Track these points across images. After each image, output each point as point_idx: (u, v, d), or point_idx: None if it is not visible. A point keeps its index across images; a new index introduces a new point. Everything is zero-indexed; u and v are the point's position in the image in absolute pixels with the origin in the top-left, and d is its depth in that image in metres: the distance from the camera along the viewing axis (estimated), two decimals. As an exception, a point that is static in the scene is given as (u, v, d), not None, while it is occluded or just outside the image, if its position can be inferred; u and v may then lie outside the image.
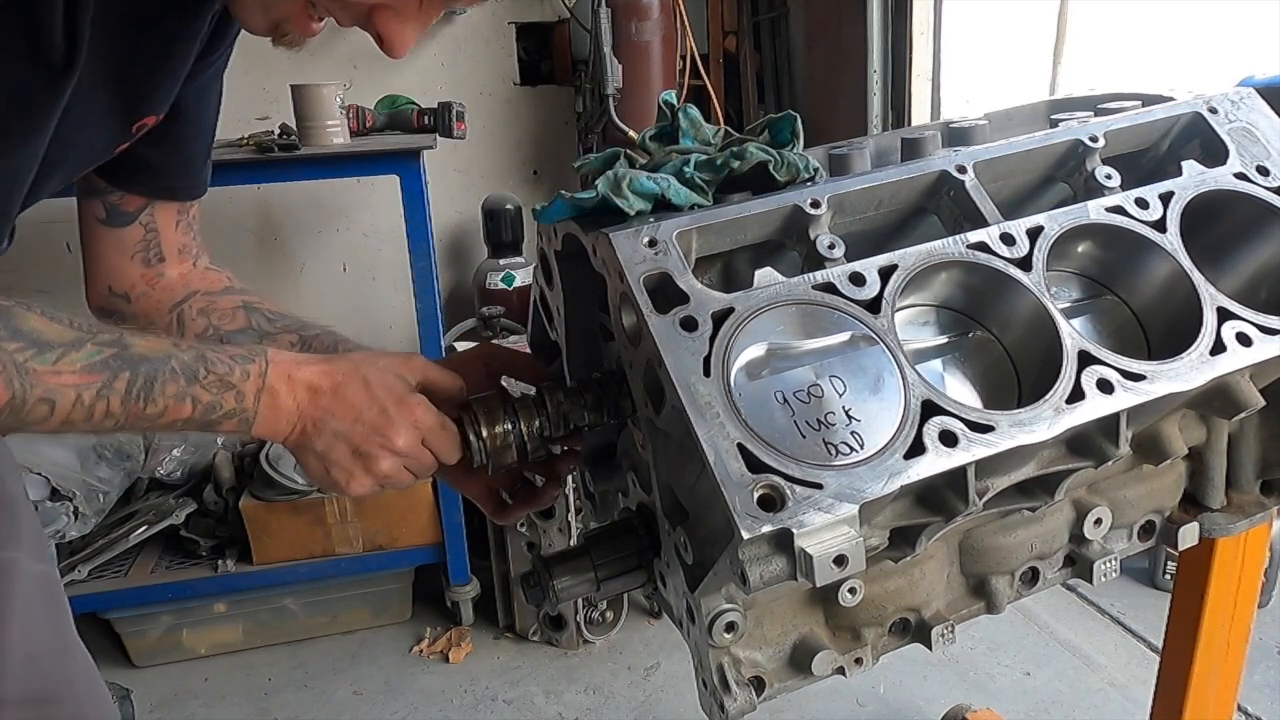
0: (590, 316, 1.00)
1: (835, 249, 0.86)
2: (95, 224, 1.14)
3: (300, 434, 0.86)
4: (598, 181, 0.88)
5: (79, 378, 0.76)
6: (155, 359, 0.80)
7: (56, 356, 0.76)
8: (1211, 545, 1.32)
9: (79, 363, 0.76)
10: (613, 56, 3.04)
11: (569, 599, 0.95)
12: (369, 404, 0.86)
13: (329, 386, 0.86)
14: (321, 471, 0.88)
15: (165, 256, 1.17)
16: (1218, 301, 0.89)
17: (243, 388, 0.83)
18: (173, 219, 1.17)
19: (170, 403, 0.80)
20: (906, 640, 1.00)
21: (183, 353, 0.82)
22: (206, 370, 0.82)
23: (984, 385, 0.95)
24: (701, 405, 0.74)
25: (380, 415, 0.86)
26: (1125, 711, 2.23)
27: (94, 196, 1.13)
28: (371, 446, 0.86)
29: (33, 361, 0.75)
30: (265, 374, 0.84)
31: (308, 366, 0.86)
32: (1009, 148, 0.99)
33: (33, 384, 0.74)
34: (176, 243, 1.17)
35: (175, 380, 0.80)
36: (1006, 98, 2.10)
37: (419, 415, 0.88)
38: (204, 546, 2.61)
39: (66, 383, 0.76)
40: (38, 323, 0.76)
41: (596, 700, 2.42)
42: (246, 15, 0.89)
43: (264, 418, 0.84)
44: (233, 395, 0.83)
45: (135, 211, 1.14)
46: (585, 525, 2.44)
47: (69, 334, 0.77)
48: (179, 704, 2.47)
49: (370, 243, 3.42)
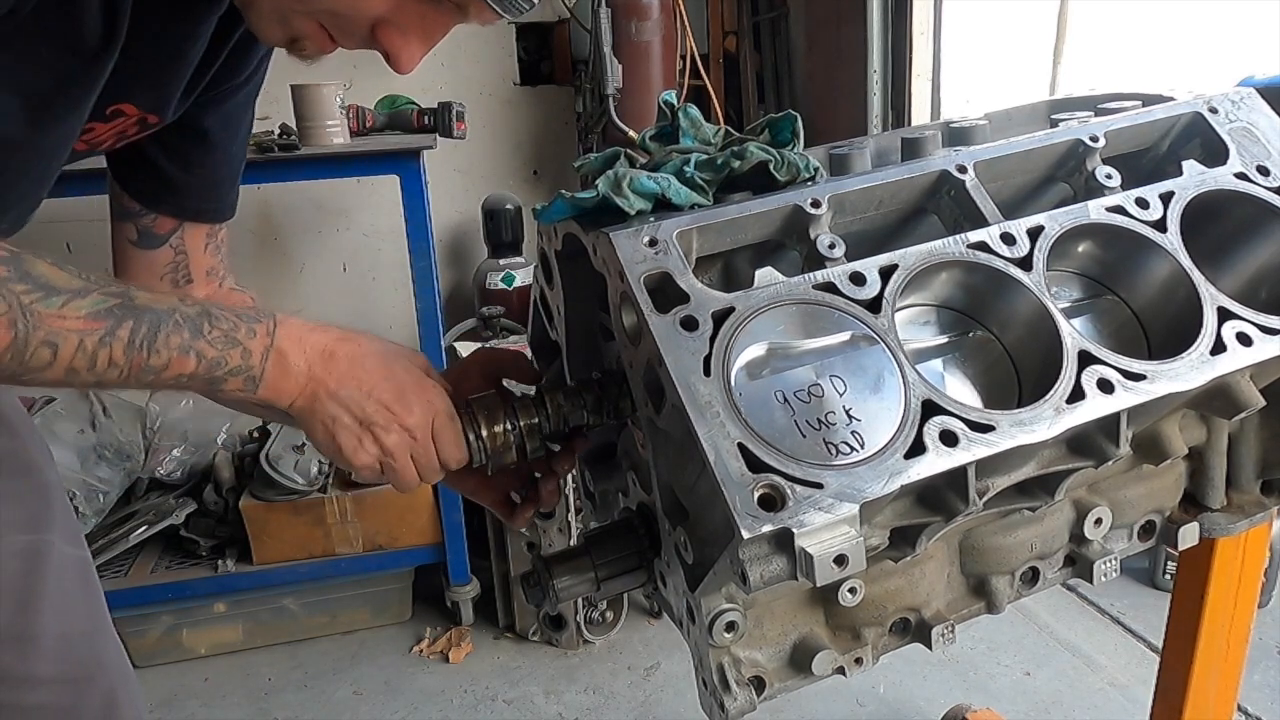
0: (590, 316, 1.00)
1: (835, 248, 0.86)
2: (127, 246, 1.16)
3: (310, 398, 0.85)
4: (598, 181, 0.87)
5: (83, 323, 0.76)
6: (160, 310, 0.80)
7: (63, 301, 0.76)
8: (1211, 545, 1.32)
9: (84, 309, 0.76)
10: (613, 56, 3.04)
11: (569, 599, 0.94)
12: (386, 378, 0.86)
13: (345, 354, 0.86)
14: (327, 437, 0.87)
15: (193, 278, 1.19)
16: (1218, 301, 0.89)
17: (249, 345, 0.82)
18: (201, 241, 1.19)
19: (174, 355, 0.80)
20: (906, 640, 1.00)
21: (188, 307, 0.82)
22: (211, 325, 0.81)
23: (984, 385, 0.95)
24: (702, 405, 0.74)
25: (396, 390, 0.86)
26: (1125, 711, 2.23)
27: (127, 219, 1.15)
28: (382, 417, 0.86)
29: (38, 304, 0.75)
30: (273, 333, 0.83)
31: (322, 333, 0.86)
32: (1009, 148, 0.99)
33: (36, 325, 0.74)
34: (205, 265, 1.20)
35: (179, 332, 0.80)
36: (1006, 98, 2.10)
37: (433, 397, 0.88)
38: (204, 546, 2.61)
39: (71, 327, 0.76)
40: (46, 269, 0.76)
41: (596, 700, 2.42)
42: (263, 26, 0.89)
43: (271, 378, 0.83)
44: (238, 352, 0.82)
45: (166, 234, 1.16)
46: (585, 525, 2.44)
47: (76, 282, 0.77)
48: (179, 704, 2.47)
49: (370, 243, 3.42)
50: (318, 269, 3.41)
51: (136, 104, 1.01)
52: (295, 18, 0.87)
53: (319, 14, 0.86)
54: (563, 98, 3.51)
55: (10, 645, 1.14)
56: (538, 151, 3.58)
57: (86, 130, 1.00)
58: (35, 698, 1.17)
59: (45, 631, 1.15)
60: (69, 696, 1.20)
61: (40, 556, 1.16)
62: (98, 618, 1.24)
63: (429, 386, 0.89)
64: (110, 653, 1.25)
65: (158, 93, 1.02)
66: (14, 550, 1.13)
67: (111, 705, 1.25)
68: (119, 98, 0.99)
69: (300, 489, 2.52)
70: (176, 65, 1.01)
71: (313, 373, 0.85)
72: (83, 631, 1.21)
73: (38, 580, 1.15)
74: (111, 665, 1.24)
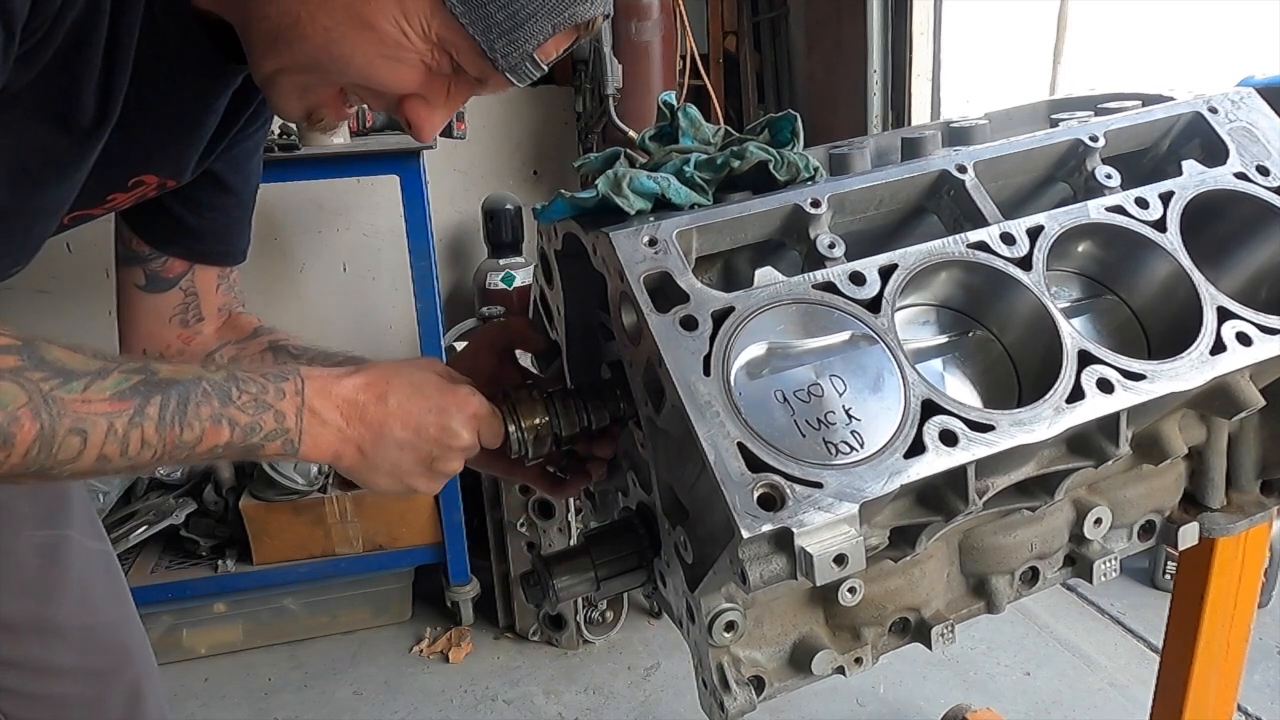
0: (590, 316, 1.00)
1: (835, 248, 0.86)
2: (134, 290, 1.14)
3: (358, 455, 0.83)
4: (598, 181, 0.88)
5: (109, 405, 0.72)
6: (185, 381, 0.77)
7: (84, 385, 0.72)
8: (1211, 545, 1.32)
9: (107, 390, 0.73)
10: (613, 56, 3.04)
11: (569, 598, 0.94)
12: (425, 408, 0.84)
13: (373, 398, 0.83)
14: (398, 485, 0.86)
15: (205, 316, 1.18)
16: (1218, 301, 0.89)
17: (281, 407, 0.79)
18: (213, 283, 1.17)
19: (207, 426, 0.76)
20: (906, 640, 1.00)
21: (212, 374, 0.79)
22: (239, 390, 0.78)
23: (984, 385, 0.95)
24: (701, 404, 0.74)
25: (440, 415, 0.84)
26: (1125, 711, 2.23)
27: (134, 264, 1.13)
28: (439, 449, 0.84)
29: (59, 391, 0.71)
30: (302, 391, 0.81)
31: (344, 380, 0.83)
32: (1009, 147, 0.99)
33: (61, 413, 0.70)
34: (216, 303, 1.18)
35: (209, 401, 0.76)
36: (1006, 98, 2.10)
37: (474, 405, 0.87)
38: (204, 546, 2.61)
39: (98, 411, 0.72)
40: (60, 353, 0.73)
41: (596, 700, 2.42)
42: (283, 102, 0.90)
43: (310, 437, 0.81)
44: (271, 415, 0.79)
45: (176, 277, 1.14)
46: (585, 525, 2.44)
47: (94, 363, 0.74)
48: (179, 704, 2.47)
49: (370, 243, 3.42)
50: (318, 269, 3.41)
51: (157, 173, 1.01)
52: (316, 90, 0.88)
53: (346, 84, 0.88)
54: (562, 98, 3.51)
55: (33, 637, 1.18)
56: (538, 151, 3.57)
57: (108, 200, 1.00)
58: (61, 688, 1.22)
59: (68, 623, 1.18)
60: (95, 687, 1.25)
61: (59, 551, 1.18)
62: (123, 609, 1.29)
63: (461, 393, 0.87)
64: (136, 644, 1.29)
65: (178, 162, 1.02)
66: (32, 545, 1.17)
67: (137, 697, 1.29)
68: (140, 170, 0.99)
69: (300, 489, 2.52)
70: (196, 135, 1.01)
71: (351, 426, 0.82)
72: (107, 623, 1.24)
73: (58, 574, 1.17)
74: (137, 657, 1.29)
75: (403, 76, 0.85)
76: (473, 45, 0.83)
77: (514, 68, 0.85)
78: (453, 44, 0.84)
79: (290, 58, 0.84)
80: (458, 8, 0.81)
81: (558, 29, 0.84)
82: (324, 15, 0.81)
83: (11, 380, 0.69)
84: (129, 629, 1.29)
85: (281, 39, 0.83)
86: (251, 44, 0.87)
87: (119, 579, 1.29)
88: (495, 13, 0.81)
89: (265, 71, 0.87)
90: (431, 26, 0.82)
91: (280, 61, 0.85)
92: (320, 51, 0.83)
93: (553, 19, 0.83)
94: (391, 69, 0.84)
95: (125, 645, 1.27)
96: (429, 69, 0.86)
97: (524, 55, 0.84)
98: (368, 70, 0.84)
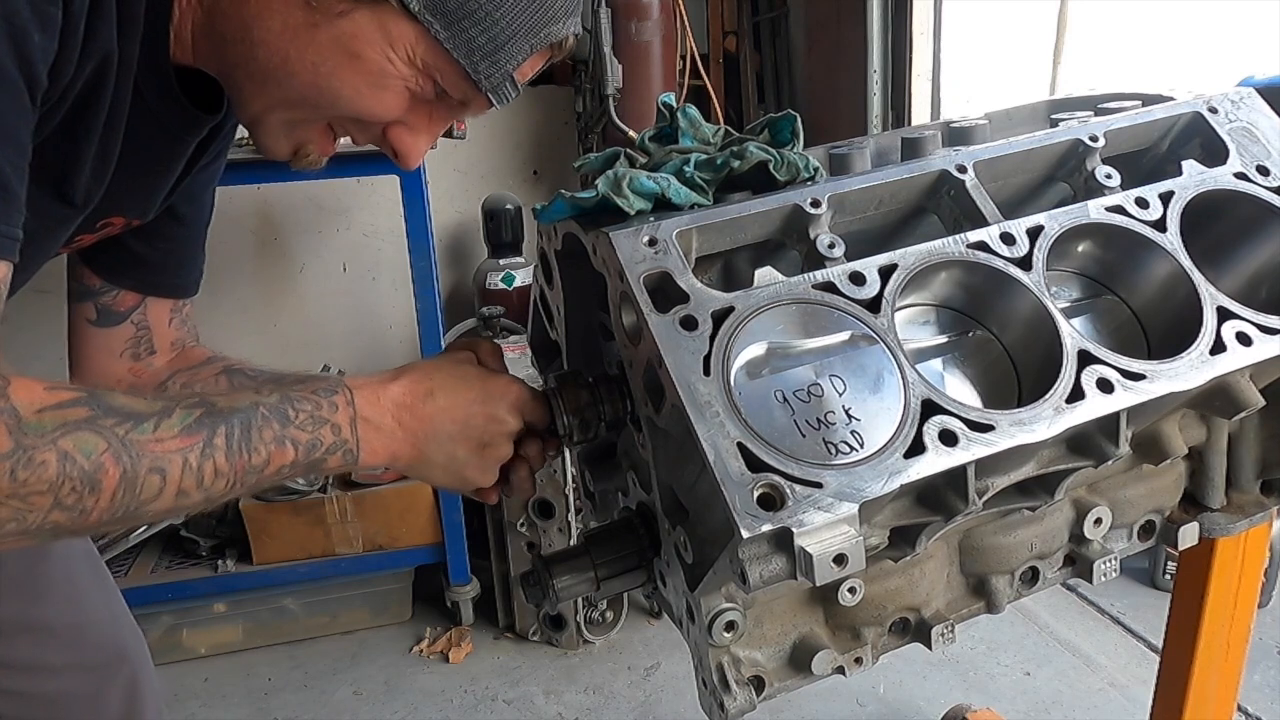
0: (590, 316, 1.00)
1: (835, 248, 0.86)
2: (85, 326, 1.14)
3: (414, 453, 0.86)
4: (598, 181, 0.88)
5: (180, 441, 0.74)
6: (243, 409, 0.79)
7: (154, 425, 0.74)
8: (1211, 545, 1.32)
9: (175, 427, 0.74)
10: (613, 56, 3.04)
11: (569, 598, 0.94)
12: (470, 399, 0.87)
13: (420, 396, 0.86)
14: (455, 479, 0.89)
15: (156, 350, 1.17)
16: (1218, 301, 0.89)
17: (335, 420, 0.82)
18: (165, 315, 1.17)
19: (272, 449, 0.79)
20: (906, 640, 1.00)
21: (266, 397, 0.81)
22: (295, 409, 0.80)
23: (984, 385, 0.95)
24: (701, 404, 0.74)
25: (485, 404, 0.87)
26: (1125, 711, 2.23)
27: (85, 299, 1.13)
28: (487, 435, 0.87)
29: (134, 434, 0.72)
30: (353, 402, 0.83)
31: (389, 385, 0.86)
32: (1009, 147, 0.99)
33: (140, 455, 0.72)
34: (170, 337, 1.18)
35: (269, 425, 0.79)
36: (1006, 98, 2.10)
37: (516, 390, 0.90)
38: (204, 546, 2.61)
39: (171, 449, 0.74)
40: (124, 399, 0.74)
41: (596, 700, 2.42)
42: (270, 142, 0.92)
43: (368, 445, 0.83)
44: (328, 429, 0.81)
45: (127, 311, 1.14)
46: (585, 525, 2.44)
47: (156, 404, 0.76)
48: (179, 704, 2.47)
49: (370, 243, 3.42)
50: (318, 269, 3.41)
51: (125, 215, 1.02)
52: (304, 126, 0.91)
53: (333, 118, 0.90)
54: (562, 98, 3.50)
55: (23, 636, 1.20)
56: (538, 151, 3.57)
57: (74, 241, 1.01)
58: (56, 685, 1.23)
59: (57, 621, 1.19)
60: (92, 684, 1.26)
61: (43, 550, 1.18)
62: (114, 607, 1.30)
63: (503, 381, 0.90)
64: (131, 642, 1.30)
65: (145, 204, 1.03)
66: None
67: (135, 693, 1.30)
68: (108, 213, 1.00)
69: (300, 489, 2.52)
70: (165, 181, 1.03)
71: (403, 427, 0.85)
72: (97, 621, 1.26)
73: (43, 573, 1.17)
74: (133, 654, 1.31)
75: (388, 103, 0.88)
76: (457, 69, 0.86)
77: (495, 88, 0.88)
78: (437, 69, 0.86)
79: (279, 95, 0.87)
80: (441, 33, 0.83)
81: (534, 49, 0.87)
82: (312, 51, 0.83)
83: (89, 429, 0.71)
84: (121, 625, 1.30)
85: (271, 78, 0.85)
86: (238, 87, 0.89)
87: (106, 577, 1.30)
88: (477, 36, 0.84)
89: (253, 111, 0.89)
90: (416, 52, 0.85)
91: (269, 100, 0.88)
92: (309, 87, 0.85)
93: (530, 40, 0.86)
94: (378, 97, 0.87)
95: (119, 641, 1.29)
96: (413, 95, 0.88)
97: (504, 76, 0.87)
98: (356, 100, 0.86)
